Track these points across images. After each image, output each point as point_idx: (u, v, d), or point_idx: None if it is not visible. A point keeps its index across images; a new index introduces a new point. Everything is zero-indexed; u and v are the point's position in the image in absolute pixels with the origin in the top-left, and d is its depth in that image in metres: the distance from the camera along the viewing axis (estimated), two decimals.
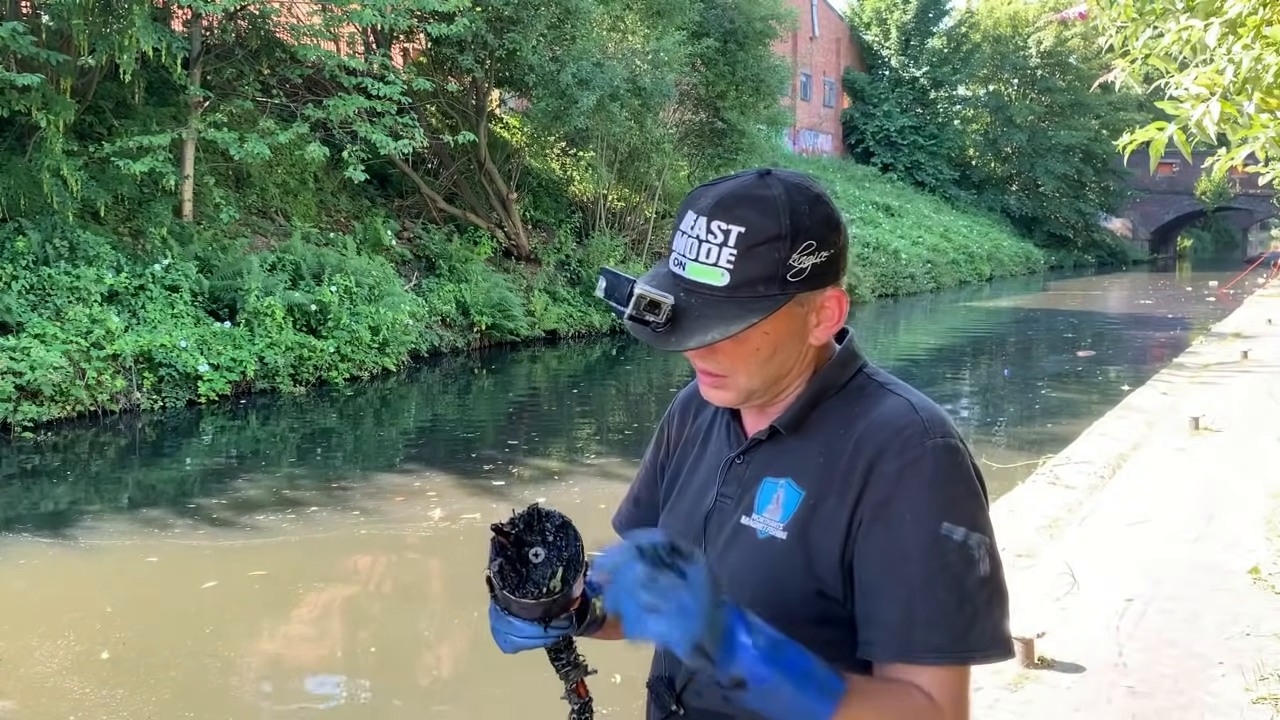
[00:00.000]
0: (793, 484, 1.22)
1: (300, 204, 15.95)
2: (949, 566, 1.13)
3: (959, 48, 43.01)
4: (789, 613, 1.17)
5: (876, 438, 1.18)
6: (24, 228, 11.46)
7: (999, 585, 1.16)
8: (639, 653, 3.32)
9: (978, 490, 1.18)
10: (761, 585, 1.20)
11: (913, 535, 1.13)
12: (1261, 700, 3.77)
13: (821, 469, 1.20)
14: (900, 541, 1.13)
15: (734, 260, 1.14)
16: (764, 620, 1.11)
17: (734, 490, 1.27)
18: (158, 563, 6.65)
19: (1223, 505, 6.45)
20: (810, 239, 1.16)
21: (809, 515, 1.19)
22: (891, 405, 1.21)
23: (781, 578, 1.20)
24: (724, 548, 1.26)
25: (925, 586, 1.12)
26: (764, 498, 1.23)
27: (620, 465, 9.29)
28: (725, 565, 1.24)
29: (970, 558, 1.13)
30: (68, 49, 12.03)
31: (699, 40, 20.64)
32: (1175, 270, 49.09)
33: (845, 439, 1.20)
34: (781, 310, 1.17)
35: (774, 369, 1.22)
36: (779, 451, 1.25)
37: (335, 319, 12.97)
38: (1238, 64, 3.18)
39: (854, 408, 1.23)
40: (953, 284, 32.99)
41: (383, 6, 13.50)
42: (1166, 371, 12.65)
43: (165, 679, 4.96)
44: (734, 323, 1.14)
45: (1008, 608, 1.17)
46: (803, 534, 1.19)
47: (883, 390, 1.24)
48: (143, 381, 11.08)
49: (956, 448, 1.17)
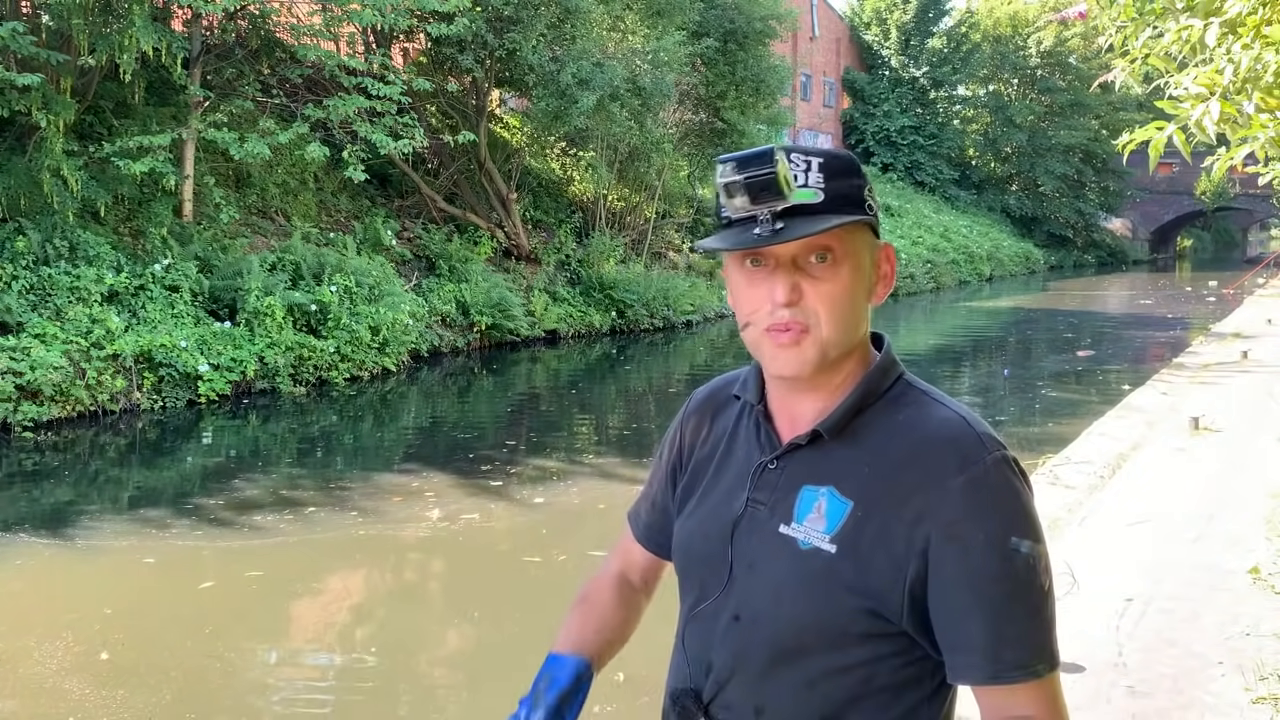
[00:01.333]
0: (836, 493, 1.17)
1: (300, 204, 15.95)
2: (1021, 583, 1.12)
3: (959, 48, 43.01)
4: (835, 627, 1.15)
5: (934, 452, 1.15)
6: (24, 228, 11.46)
7: (1054, 595, 1.17)
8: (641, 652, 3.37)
9: (1031, 500, 1.17)
10: (806, 599, 1.17)
11: (986, 556, 1.11)
12: (1261, 700, 3.77)
13: (869, 479, 1.16)
14: (977, 563, 1.11)
15: (823, 183, 1.16)
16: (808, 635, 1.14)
17: (767, 496, 1.22)
18: (156, 563, 6.65)
19: (1223, 505, 6.45)
20: (867, 182, 1.21)
21: (859, 528, 1.15)
22: (943, 418, 1.18)
23: (830, 592, 1.15)
24: (760, 557, 1.21)
25: (1007, 605, 1.12)
26: (804, 506, 1.19)
27: (620, 465, 9.29)
28: (763, 576, 1.20)
29: (1035, 569, 1.13)
30: (68, 49, 12.02)
31: (699, 40, 20.65)
32: (1175, 270, 49.09)
33: (895, 449, 1.17)
34: (864, 236, 1.20)
35: (853, 320, 1.20)
36: (820, 458, 1.20)
37: (335, 319, 12.97)
38: (1237, 64, 3.18)
39: (899, 416, 1.19)
40: (953, 284, 32.98)
41: (383, 6, 13.50)
42: (1166, 371, 12.64)
43: (165, 680, 4.96)
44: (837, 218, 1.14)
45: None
46: (854, 548, 1.15)
47: (929, 401, 1.21)
48: (143, 381, 11.08)
49: (1011, 460, 1.16)
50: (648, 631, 1.48)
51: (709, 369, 16.67)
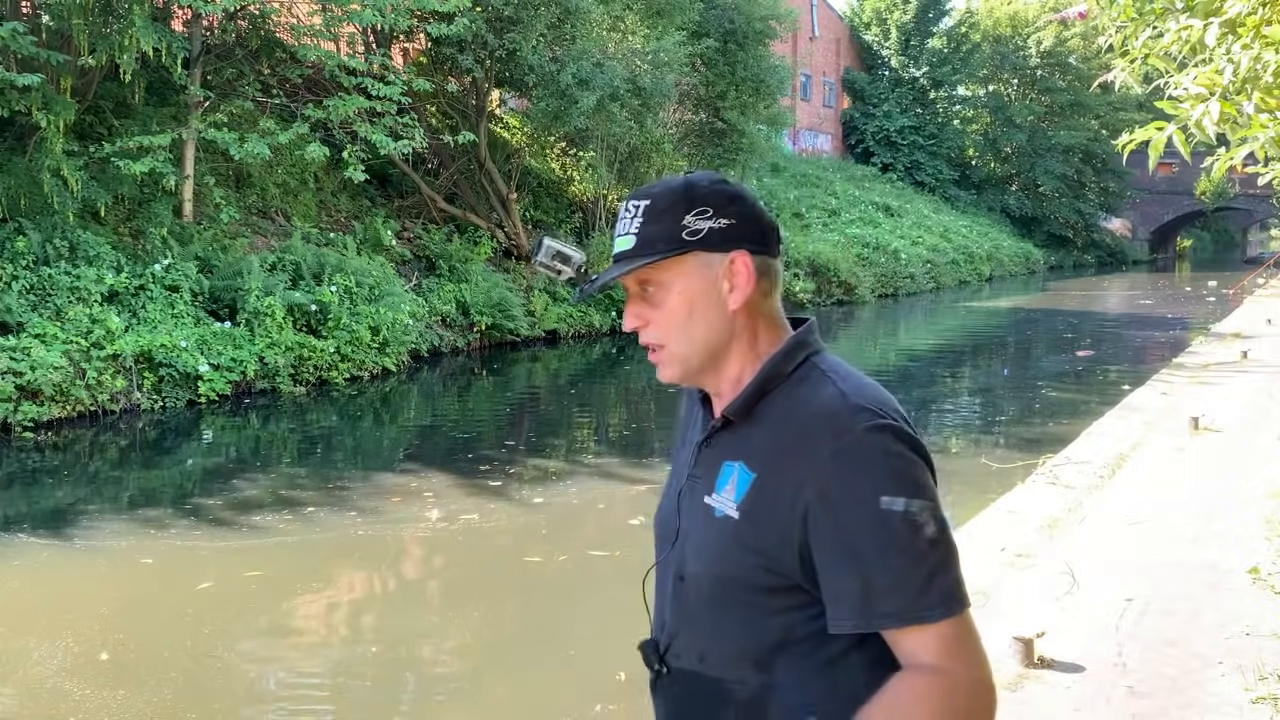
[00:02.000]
0: (745, 467, 1.32)
1: (300, 204, 15.95)
2: (897, 535, 1.21)
3: (959, 48, 43.00)
4: (745, 583, 1.31)
5: (810, 426, 1.28)
6: (24, 228, 11.46)
7: (947, 544, 1.24)
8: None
9: (913, 461, 1.25)
10: (716, 560, 1.33)
11: (856, 515, 1.23)
12: (1261, 700, 3.77)
13: (768, 452, 1.30)
14: (846, 523, 1.23)
15: (640, 227, 1.34)
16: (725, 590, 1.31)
17: (701, 471, 1.38)
18: (156, 563, 6.65)
19: (1223, 505, 6.44)
20: (705, 206, 1.34)
21: (758, 496, 1.29)
22: (825, 394, 1.30)
23: (732, 553, 1.31)
24: (692, 524, 1.38)
25: (879, 557, 1.22)
26: (723, 479, 1.34)
27: (619, 465, 9.29)
28: (693, 540, 1.37)
29: (915, 523, 1.22)
30: (68, 49, 12.03)
31: (699, 40, 20.64)
32: (1175, 270, 49.09)
33: (788, 425, 1.30)
34: (686, 266, 1.34)
35: (699, 333, 1.35)
36: (736, 437, 1.35)
37: (335, 319, 12.97)
38: (1237, 64, 3.18)
39: (796, 395, 1.32)
40: (952, 284, 32.99)
41: (383, 6, 13.50)
42: (1166, 371, 12.64)
43: (165, 680, 4.96)
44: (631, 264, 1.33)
45: (959, 562, 1.26)
46: (751, 513, 1.29)
47: (824, 379, 1.32)
48: (143, 381, 11.08)
49: (886, 426, 1.25)
50: (644, 634, 1.50)
51: None
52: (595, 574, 6.55)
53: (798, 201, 30.44)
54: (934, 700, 1.21)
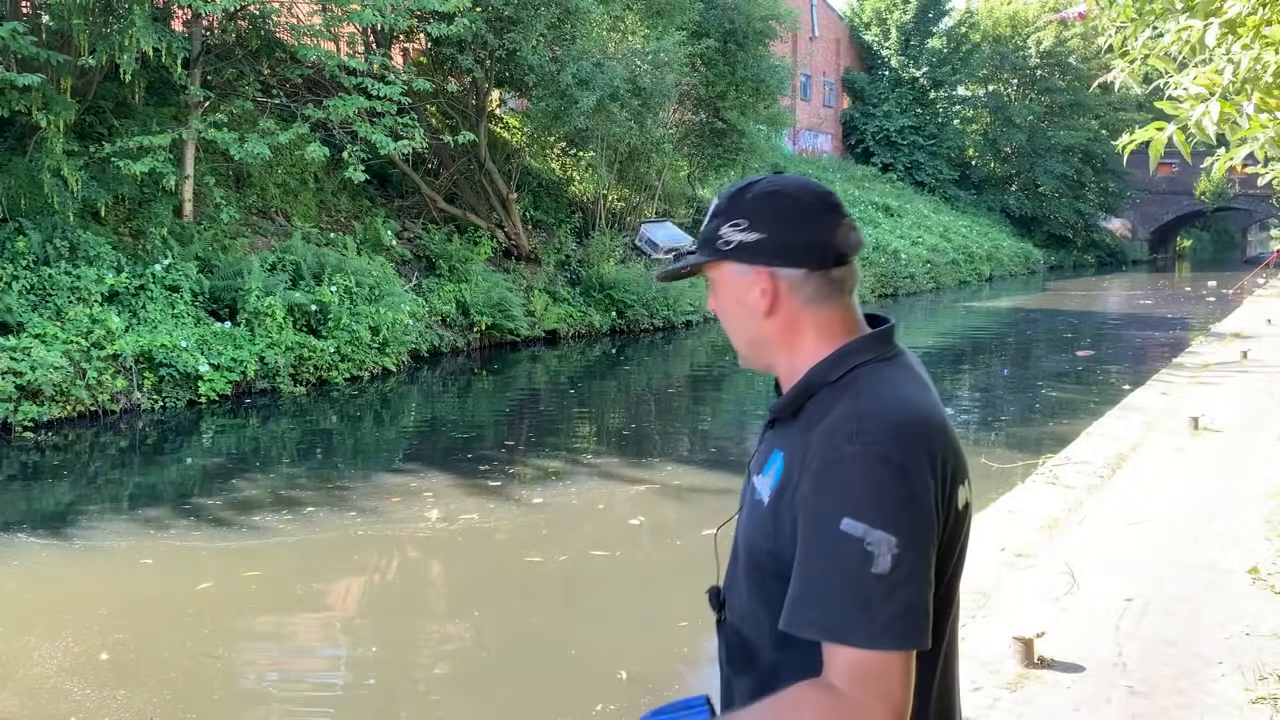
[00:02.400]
0: (783, 458, 1.38)
1: (300, 204, 15.95)
2: (842, 558, 1.23)
3: (959, 48, 42.99)
4: (759, 565, 1.39)
5: (818, 437, 1.31)
6: (24, 228, 11.46)
7: (897, 582, 1.22)
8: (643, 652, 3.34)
9: (895, 495, 1.25)
10: (746, 538, 1.43)
11: (819, 528, 1.26)
12: (1261, 700, 3.77)
13: (794, 454, 1.35)
14: (810, 533, 1.27)
15: (704, 226, 1.44)
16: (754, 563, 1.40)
17: (763, 450, 1.46)
18: (156, 563, 6.65)
19: (1223, 505, 6.45)
20: (741, 218, 1.40)
21: (782, 489, 1.35)
22: (844, 410, 1.32)
23: (757, 535, 1.39)
24: (745, 498, 1.48)
25: (819, 571, 1.25)
26: (769, 464, 1.40)
27: (619, 465, 9.28)
28: (742, 513, 1.48)
29: (867, 554, 1.23)
30: (68, 49, 12.03)
31: (699, 40, 20.64)
32: (1174, 270, 49.09)
33: (809, 432, 1.34)
34: (724, 272, 1.43)
35: (739, 331, 1.46)
36: (785, 429, 1.42)
37: (335, 319, 12.97)
38: (1237, 64, 3.18)
39: (830, 402, 1.35)
40: (952, 284, 32.99)
41: (383, 6, 13.50)
42: (1166, 371, 12.65)
43: (165, 680, 4.96)
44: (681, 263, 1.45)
45: (914, 607, 1.23)
46: (775, 503, 1.36)
47: (855, 393, 1.34)
48: (143, 381, 11.08)
49: (880, 455, 1.26)
50: (647, 633, 1.50)
51: (709, 369, 16.67)
52: (595, 574, 6.55)
53: None
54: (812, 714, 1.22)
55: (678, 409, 13.37)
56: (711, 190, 25.45)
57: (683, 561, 6.84)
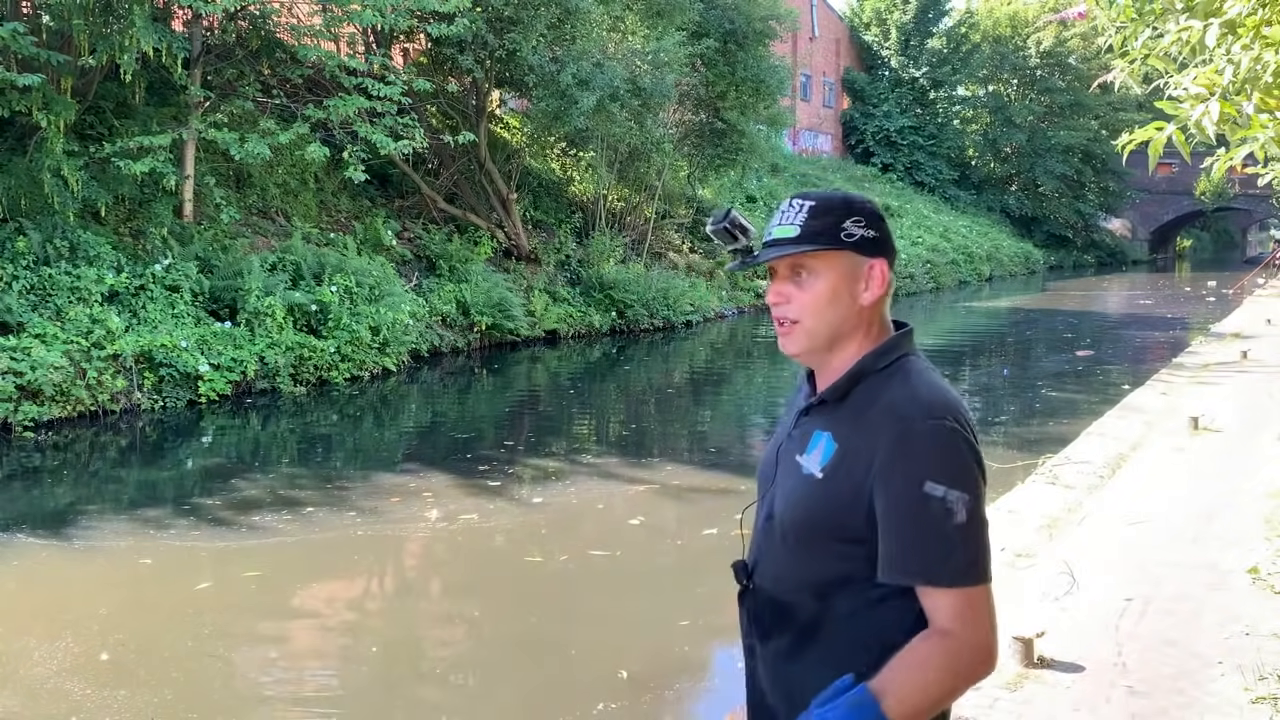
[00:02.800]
0: (831, 438, 1.62)
1: (300, 204, 15.95)
2: (930, 514, 1.51)
3: (959, 48, 43.00)
4: (813, 529, 1.62)
5: (887, 417, 1.56)
6: (24, 228, 11.46)
7: (975, 531, 1.53)
8: (643, 652, 3.33)
9: (963, 460, 1.54)
10: (797, 508, 1.65)
11: (904, 492, 1.52)
12: (1261, 700, 3.77)
13: (853, 432, 1.60)
14: (896, 497, 1.53)
15: (804, 222, 1.63)
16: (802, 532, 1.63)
17: (797, 434, 1.70)
18: (156, 563, 6.65)
19: (1223, 505, 6.45)
20: (860, 215, 1.64)
21: (838, 465, 1.59)
22: (904, 392, 1.58)
23: (813, 505, 1.62)
24: (783, 475, 1.70)
25: (911, 528, 1.52)
26: (812, 444, 1.65)
27: (619, 465, 9.28)
28: (782, 489, 1.69)
29: (949, 509, 1.51)
30: (68, 49, 12.03)
31: (699, 40, 20.64)
32: (1174, 270, 49.08)
33: (871, 412, 1.59)
34: (838, 260, 1.63)
35: (832, 317, 1.64)
36: (830, 412, 1.65)
37: (336, 319, 12.97)
38: (1236, 64, 3.18)
39: (884, 387, 1.61)
40: (952, 284, 32.99)
41: (383, 7, 13.50)
42: (1166, 371, 12.65)
43: (165, 680, 4.96)
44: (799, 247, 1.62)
45: (985, 549, 1.55)
46: (831, 477, 1.60)
47: (909, 378, 1.61)
48: (143, 381, 11.08)
49: (945, 428, 1.54)
50: (647, 633, 1.51)
51: (709, 369, 16.68)
52: (595, 574, 6.55)
53: None
54: (940, 660, 1.50)
55: (678, 409, 13.36)
56: (712, 190, 25.46)
57: (683, 561, 6.84)
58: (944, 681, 1.51)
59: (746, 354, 18.39)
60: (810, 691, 1.59)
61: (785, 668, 1.68)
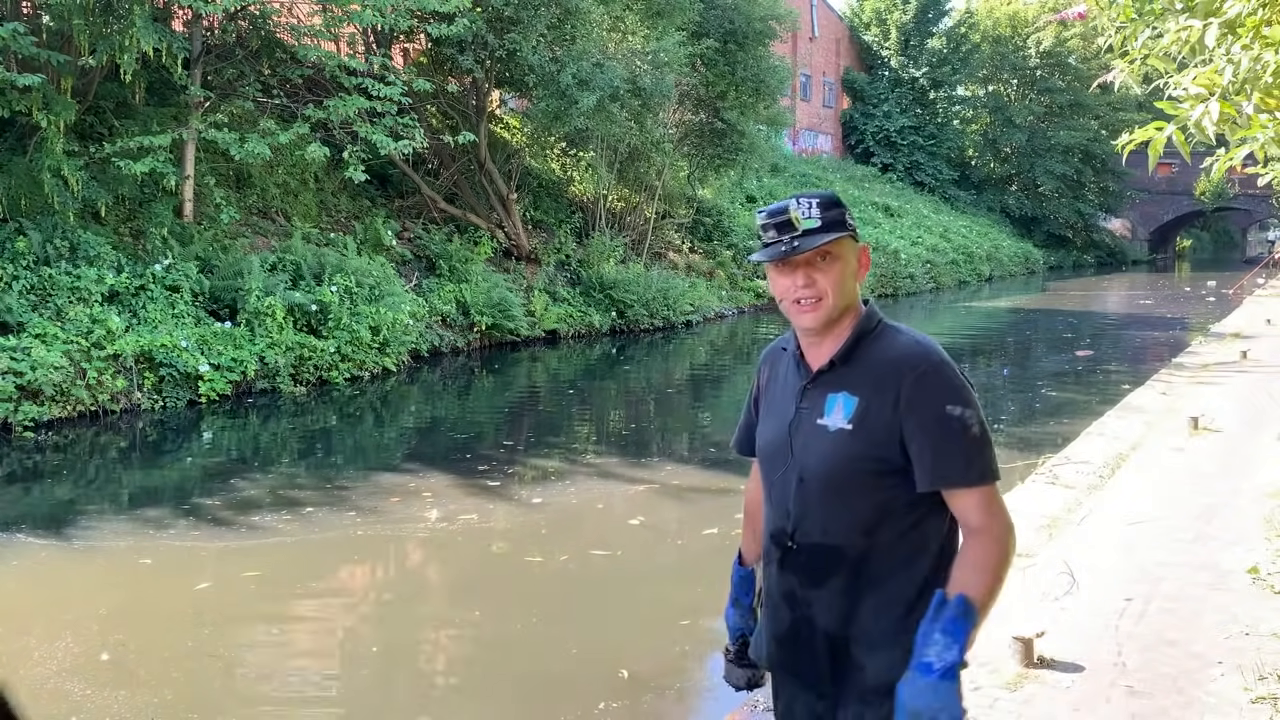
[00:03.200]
0: (849, 395, 1.96)
1: (300, 204, 15.95)
2: (954, 430, 1.89)
3: (958, 48, 42.99)
4: (853, 474, 1.94)
5: (899, 361, 1.94)
6: (25, 228, 11.46)
7: (986, 439, 1.92)
8: (642, 652, 3.35)
9: (964, 385, 1.94)
10: (837, 458, 1.95)
11: (932, 416, 1.90)
12: (1261, 700, 3.77)
13: (868, 383, 1.95)
14: (926, 422, 1.90)
15: (820, 213, 1.96)
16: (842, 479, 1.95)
17: (808, 404, 2.01)
18: (155, 563, 6.65)
19: (1222, 505, 6.45)
20: (847, 209, 2.02)
21: (865, 412, 1.94)
22: (904, 341, 1.98)
23: (852, 451, 1.94)
24: (808, 440, 2.00)
25: (944, 443, 1.89)
26: (829, 406, 1.98)
27: (619, 465, 9.28)
28: (811, 450, 1.99)
29: (966, 424, 1.90)
30: (68, 49, 12.03)
31: (699, 40, 20.65)
32: (1174, 270, 49.08)
33: (880, 364, 1.95)
34: (848, 245, 2.00)
35: (845, 292, 1.98)
36: (836, 377, 1.99)
37: (336, 319, 12.97)
38: (1236, 64, 3.18)
39: (882, 343, 1.98)
40: (952, 284, 32.99)
41: (383, 7, 13.50)
42: (1166, 371, 12.65)
43: (165, 680, 4.96)
44: (830, 235, 1.95)
45: (993, 449, 1.94)
46: (861, 424, 1.93)
47: (898, 333, 2.00)
48: (143, 381, 11.08)
49: (946, 362, 1.95)
50: (647, 633, 1.50)
51: (709, 369, 16.68)
52: (595, 574, 6.55)
53: None
54: (991, 550, 1.88)
55: (678, 409, 13.36)
56: (712, 190, 25.45)
57: (683, 561, 6.84)
58: (1000, 566, 1.88)
59: (746, 354, 18.39)
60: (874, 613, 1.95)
61: (844, 601, 1.96)
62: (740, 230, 24.71)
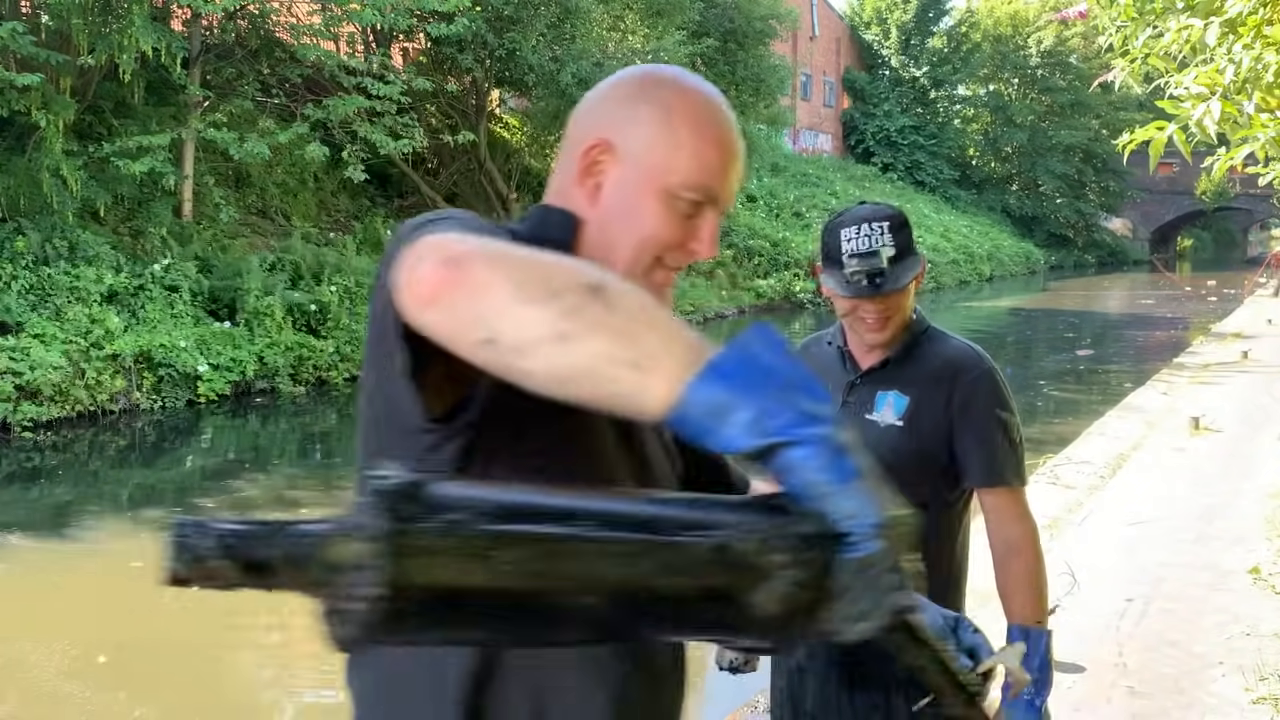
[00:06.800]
0: (899, 394, 2.01)
1: (300, 204, 15.94)
2: (1000, 433, 1.98)
3: (959, 47, 42.98)
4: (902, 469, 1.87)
5: (956, 364, 2.01)
6: (24, 228, 11.45)
7: (1022, 444, 2.02)
8: None
9: (1008, 393, 2.03)
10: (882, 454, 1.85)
11: (981, 418, 1.98)
12: (1261, 700, 3.76)
13: (919, 384, 2.01)
14: (976, 423, 1.97)
15: (893, 240, 1.96)
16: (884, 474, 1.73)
17: (856, 400, 2.05)
18: (154, 564, 6.64)
19: (1223, 505, 6.44)
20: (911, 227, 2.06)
21: (917, 411, 2.00)
22: (958, 345, 2.06)
23: (900, 446, 1.98)
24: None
25: (995, 444, 1.97)
26: (880, 403, 2.03)
27: None
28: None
29: (1009, 428, 1.99)
30: (67, 49, 12.01)
31: (699, 40, 20.64)
32: (1175, 270, 49.07)
33: (932, 366, 2.02)
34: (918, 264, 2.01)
35: (910, 307, 2.03)
36: (886, 375, 2.04)
37: (335, 319, 12.96)
38: (1238, 63, 3.17)
39: (935, 346, 2.05)
40: (953, 284, 32.98)
41: (383, 6, 13.49)
42: (1166, 371, 12.64)
43: (165, 681, 4.95)
44: (910, 269, 1.98)
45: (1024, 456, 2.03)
46: (913, 421, 1.99)
47: (948, 338, 2.08)
48: (142, 381, 11.07)
49: (995, 369, 2.04)
50: None
51: None
52: None
53: (798, 201, 30.39)
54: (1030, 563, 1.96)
55: None
56: None
57: None
58: (1040, 570, 1.98)
59: None
60: None
61: None
62: (741, 230, 24.69)
